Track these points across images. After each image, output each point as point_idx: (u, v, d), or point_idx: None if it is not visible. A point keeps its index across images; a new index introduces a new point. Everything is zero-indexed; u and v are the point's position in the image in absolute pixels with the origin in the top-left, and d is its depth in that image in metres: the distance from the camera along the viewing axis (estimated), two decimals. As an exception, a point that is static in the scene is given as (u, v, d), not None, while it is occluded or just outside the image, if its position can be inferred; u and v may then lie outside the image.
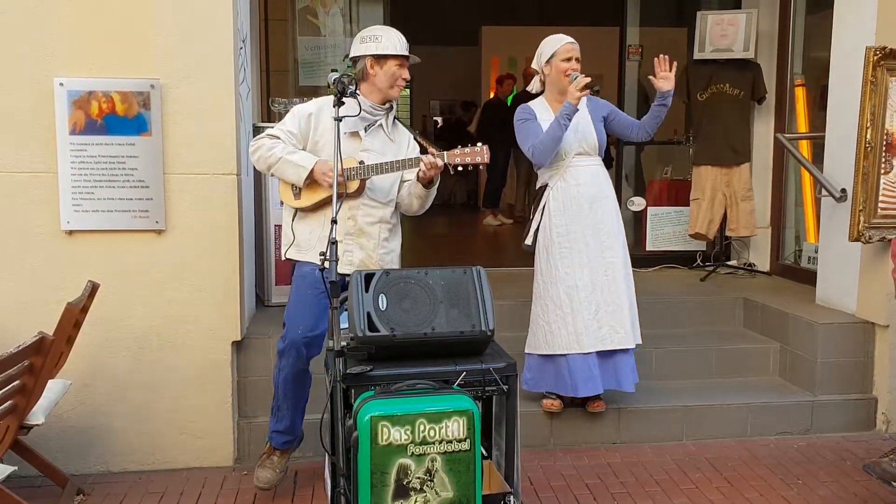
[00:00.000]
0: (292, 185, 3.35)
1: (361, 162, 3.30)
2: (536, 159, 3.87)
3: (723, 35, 5.72)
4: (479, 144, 3.26)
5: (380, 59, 3.32)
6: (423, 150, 3.42)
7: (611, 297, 3.89)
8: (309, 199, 3.34)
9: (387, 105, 3.41)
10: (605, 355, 3.91)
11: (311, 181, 3.27)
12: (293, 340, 3.32)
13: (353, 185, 3.30)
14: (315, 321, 3.34)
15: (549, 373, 3.97)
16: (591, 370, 3.87)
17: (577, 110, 3.75)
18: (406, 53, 3.36)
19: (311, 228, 3.38)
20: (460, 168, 3.26)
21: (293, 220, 3.44)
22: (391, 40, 3.34)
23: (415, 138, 3.49)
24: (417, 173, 3.30)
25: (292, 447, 3.56)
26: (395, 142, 3.45)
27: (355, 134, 3.35)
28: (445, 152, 3.26)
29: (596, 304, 3.88)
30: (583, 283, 3.87)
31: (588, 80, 3.70)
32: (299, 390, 3.44)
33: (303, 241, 3.40)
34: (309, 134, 3.37)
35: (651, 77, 3.82)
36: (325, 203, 3.30)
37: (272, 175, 3.39)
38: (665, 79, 3.75)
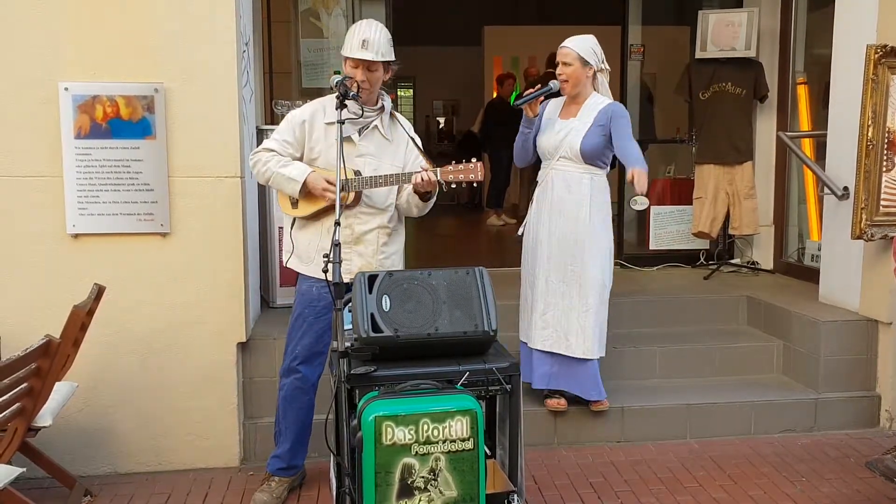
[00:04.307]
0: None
1: (357, 172, 3.23)
2: (514, 160, 4.11)
3: (734, 36, 5.72)
4: (474, 161, 3.18)
5: (345, 59, 3.28)
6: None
7: (561, 302, 3.89)
8: (306, 209, 3.33)
9: (378, 105, 3.34)
10: (562, 359, 3.93)
11: (308, 192, 3.26)
12: (294, 358, 3.39)
13: (348, 197, 3.25)
14: (315, 339, 3.38)
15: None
16: (533, 363, 3.97)
17: (529, 118, 3.89)
18: (353, 55, 3.21)
19: (309, 239, 3.37)
20: (454, 185, 3.19)
21: (292, 228, 3.43)
22: (348, 40, 3.24)
23: (413, 142, 3.42)
24: (412, 186, 3.24)
25: (289, 476, 3.53)
26: (393, 142, 3.38)
27: (348, 139, 3.28)
28: (439, 169, 3.19)
29: (545, 304, 3.92)
30: (539, 282, 3.93)
31: (529, 90, 3.89)
32: (300, 412, 3.45)
33: (303, 252, 3.39)
34: (304, 141, 3.33)
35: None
36: (323, 212, 3.30)
37: (271, 187, 3.42)
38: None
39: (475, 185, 3.22)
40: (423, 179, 3.15)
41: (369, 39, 3.20)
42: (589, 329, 3.87)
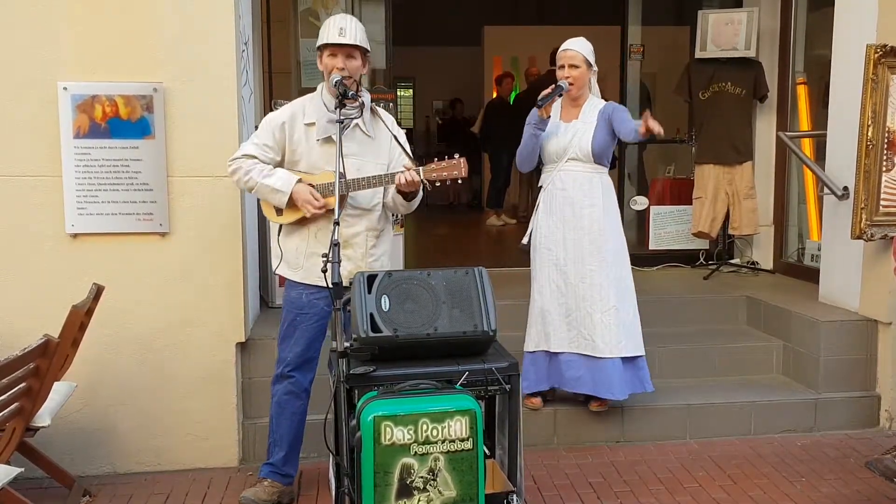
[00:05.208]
0: None
1: (340, 174, 3.12)
2: (516, 165, 4.07)
3: (733, 36, 5.71)
4: (457, 157, 3.11)
5: (319, 50, 3.22)
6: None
7: (584, 303, 3.88)
8: (291, 216, 3.27)
9: (357, 102, 3.23)
10: (589, 360, 3.90)
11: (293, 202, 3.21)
12: (286, 365, 3.37)
13: (331, 202, 3.10)
14: (306, 346, 3.36)
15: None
16: (546, 368, 3.97)
17: (543, 119, 3.83)
18: (331, 41, 3.14)
19: (297, 245, 3.32)
20: (437, 184, 3.12)
21: (279, 234, 3.37)
22: (325, 28, 3.19)
23: (395, 139, 3.33)
24: (395, 186, 3.17)
25: (283, 483, 3.46)
26: (376, 138, 3.31)
27: (329, 139, 3.21)
28: (422, 168, 3.12)
29: (567, 307, 3.91)
30: (556, 284, 3.92)
31: (546, 91, 3.80)
32: (293, 419, 3.41)
33: (291, 259, 3.34)
34: (285, 144, 3.26)
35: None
36: (310, 217, 3.24)
37: (255, 196, 3.34)
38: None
39: (459, 181, 3.14)
40: (405, 180, 3.09)
41: (346, 28, 3.17)
42: (613, 327, 3.86)
